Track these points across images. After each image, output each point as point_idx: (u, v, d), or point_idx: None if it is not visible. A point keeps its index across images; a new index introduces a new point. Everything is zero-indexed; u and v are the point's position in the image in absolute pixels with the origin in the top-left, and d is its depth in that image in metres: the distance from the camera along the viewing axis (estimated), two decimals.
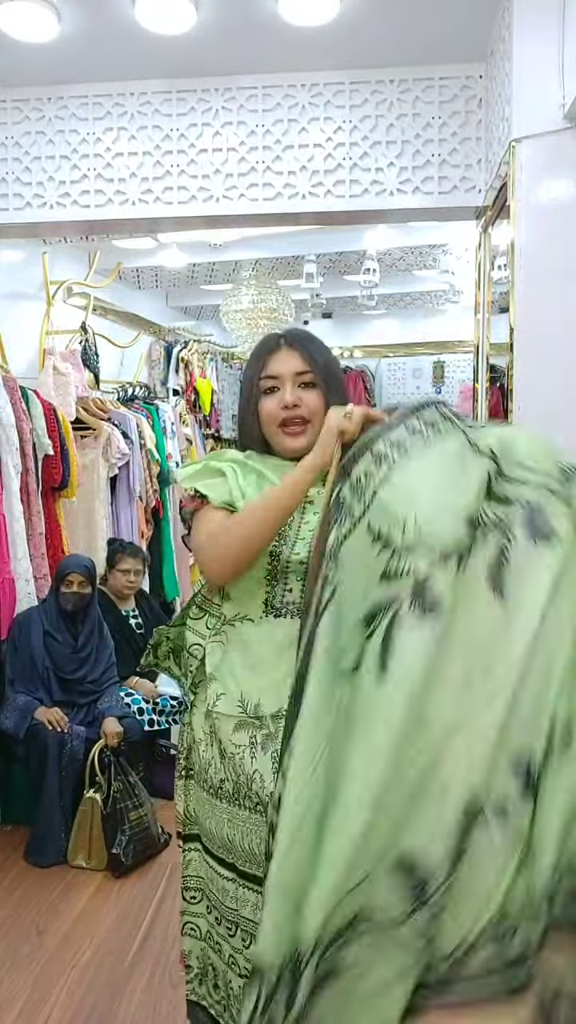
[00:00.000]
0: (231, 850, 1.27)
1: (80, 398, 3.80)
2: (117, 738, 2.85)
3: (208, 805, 1.31)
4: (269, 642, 1.25)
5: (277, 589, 1.27)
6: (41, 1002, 2.07)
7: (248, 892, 1.24)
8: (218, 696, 1.27)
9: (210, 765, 1.30)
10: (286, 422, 1.33)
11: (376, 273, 4.77)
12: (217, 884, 1.30)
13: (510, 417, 2.16)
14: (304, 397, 1.33)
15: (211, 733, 1.30)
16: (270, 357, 1.36)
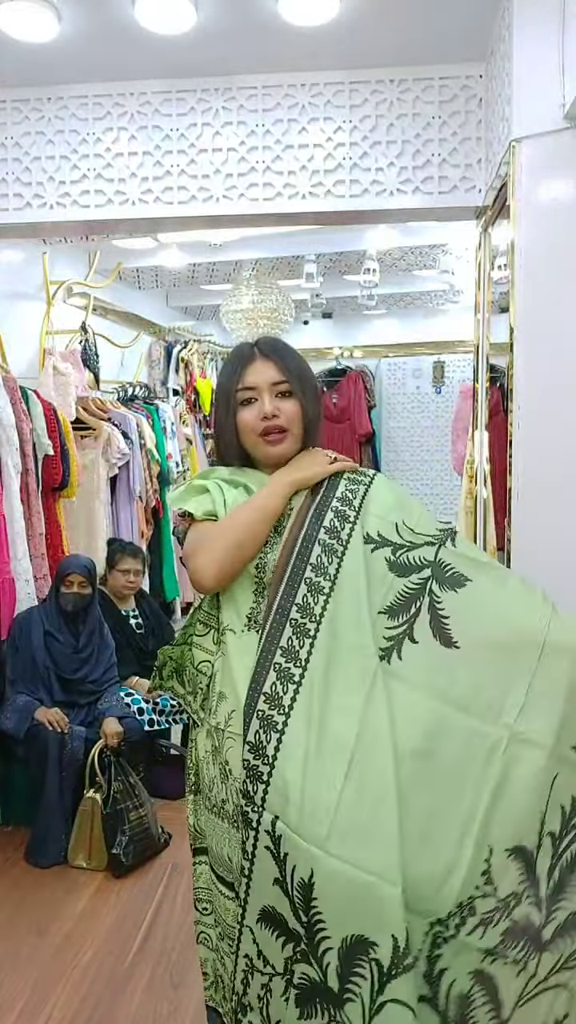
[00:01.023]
0: (231, 870, 1.24)
1: (80, 398, 3.80)
2: (117, 738, 2.85)
3: (211, 823, 1.30)
4: (248, 655, 1.24)
5: (261, 604, 1.28)
6: (42, 1002, 2.07)
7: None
8: (229, 715, 1.24)
9: (213, 784, 1.28)
10: (267, 431, 1.36)
11: (376, 273, 4.76)
12: (220, 901, 1.28)
13: (510, 417, 2.16)
14: (282, 406, 1.36)
15: (213, 751, 1.28)
16: (245, 368, 1.37)
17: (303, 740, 1.13)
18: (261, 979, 1.13)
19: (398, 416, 6.86)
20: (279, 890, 1.10)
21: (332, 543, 1.27)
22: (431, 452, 6.79)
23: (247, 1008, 1.15)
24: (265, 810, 1.12)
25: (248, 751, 1.15)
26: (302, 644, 1.19)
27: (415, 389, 6.83)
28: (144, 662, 3.49)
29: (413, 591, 1.23)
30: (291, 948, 1.09)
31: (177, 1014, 2.02)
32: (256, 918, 1.13)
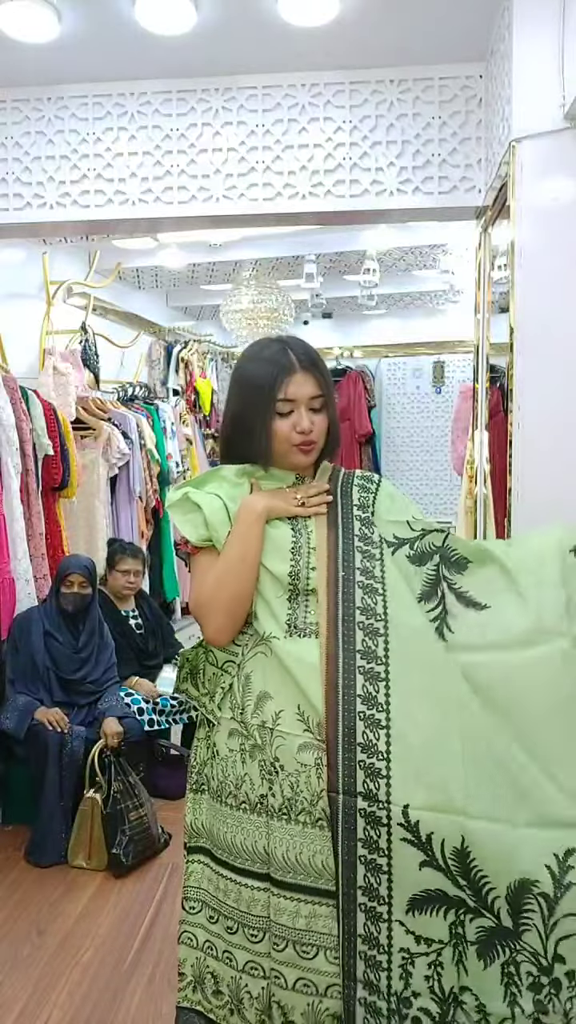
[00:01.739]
0: (267, 861, 1.29)
1: (80, 398, 3.80)
2: (117, 738, 2.85)
3: (232, 820, 1.33)
4: (308, 662, 1.30)
5: (298, 611, 1.35)
6: (42, 1002, 2.07)
7: (285, 902, 1.27)
8: (277, 714, 1.30)
9: (242, 782, 1.32)
10: (301, 445, 1.41)
11: (376, 273, 4.76)
12: (240, 895, 1.32)
13: (510, 417, 2.16)
14: (315, 420, 1.42)
15: (250, 748, 1.33)
16: (287, 378, 1.40)
17: (409, 729, 1.22)
18: (426, 960, 1.19)
19: (398, 416, 6.86)
20: (431, 870, 1.18)
21: (369, 548, 1.38)
22: (431, 452, 6.79)
23: (411, 998, 1.19)
24: (392, 804, 1.19)
25: (362, 752, 1.22)
26: (376, 644, 1.29)
27: (415, 389, 6.83)
28: (144, 662, 3.49)
29: (432, 575, 1.36)
30: (454, 914, 1.18)
31: None
32: (406, 909, 1.19)
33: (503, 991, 1.17)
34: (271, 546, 1.37)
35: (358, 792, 1.21)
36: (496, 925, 1.18)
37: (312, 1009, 1.24)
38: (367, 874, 1.20)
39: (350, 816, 1.22)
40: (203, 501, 1.39)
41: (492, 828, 1.17)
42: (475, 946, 1.18)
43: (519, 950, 1.17)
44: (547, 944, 1.17)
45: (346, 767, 1.22)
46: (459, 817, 1.17)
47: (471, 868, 1.17)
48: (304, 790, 1.27)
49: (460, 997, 1.19)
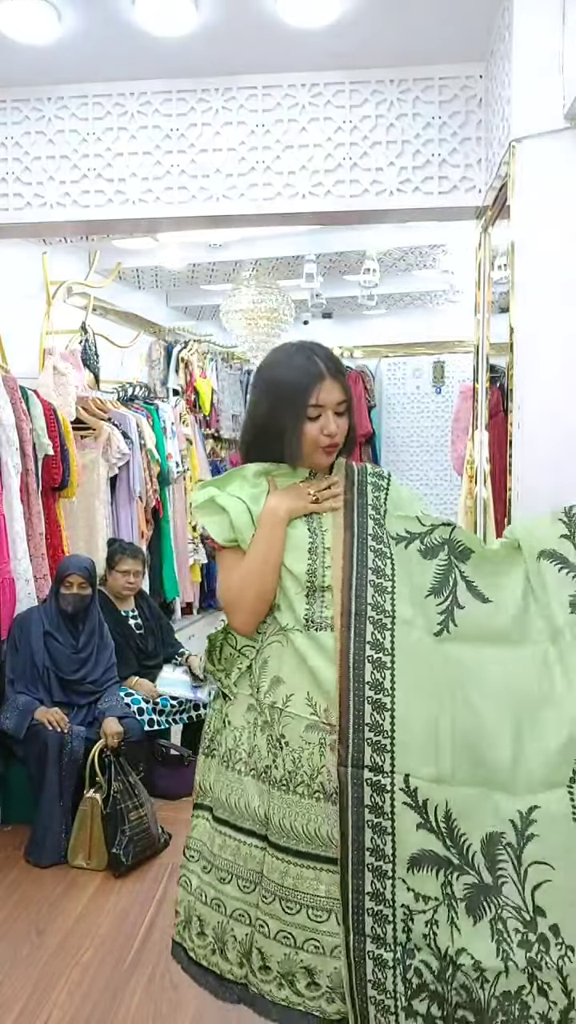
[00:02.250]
0: (266, 823, 1.45)
1: (80, 398, 3.80)
2: (117, 738, 2.85)
3: (235, 783, 1.49)
4: (325, 651, 1.44)
5: (315, 606, 1.48)
6: (41, 1002, 2.07)
7: (278, 861, 1.42)
8: (287, 697, 1.45)
9: (255, 750, 1.48)
10: (327, 448, 1.54)
11: (376, 273, 4.77)
12: (238, 851, 1.48)
13: (510, 417, 2.16)
14: (340, 424, 1.54)
15: (261, 723, 1.48)
16: (318, 385, 1.51)
17: (411, 711, 1.38)
18: (423, 917, 1.32)
19: (398, 416, 6.86)
20: (425, 831, 1.33)
21: (381, 547, 1.50)
22: (431, 452, 6.79)
23: (415, 950, 1.32)
24: (396, 772, 1.35)
25: (370, 731, 1.37)
26: (384, 637, 1.43)
27: (415, 389, 6.83)
28: (144, 662, 3.49)
29: (443, 567, 1.48)
30: (444, 873, 1.33)
31: (177, 1014, 2.03)
32: (407, 867, 1.33)
33: (495, 948, 1.28)
34: (291, 545, 1.50)
35: (365, 765, 1.36)
36: (479, 881, 1.32)
37: (288, 959, 1.39)
38: (374, 836, 1.34)
39: (358, 786, 1.36)
40: (228, 504, 1.51)
41: (470, 792, 1.35)
42: (464, 903, 1.31)
43: (503, 906, 1.30)
44: (524, 895, 1.30)
45: (356, 744, 1.37)
46: (448, 786, 1.34)
47: (454, 828, 1.33)
48: (305, 765, 1.41)
49: (457, 960, 1.29)
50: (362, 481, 1.58)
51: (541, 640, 1.43)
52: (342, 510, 1.53)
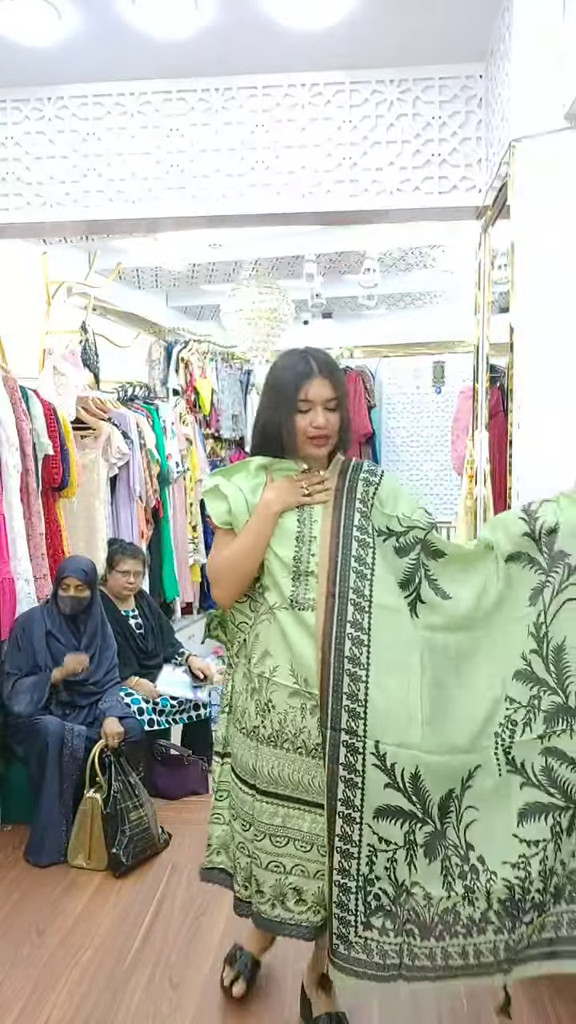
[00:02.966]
0: (254, 774, 1.72)
1: (80, 398, 3.79)
2: (117, 738, 2.85)
3: (238, 738, 1.77)
4: (307, 628, 1.65)
5: (299, 588, 1.67)
6: (41, 1002, 2.07)
7: (265, 805, 1.70)
8: (274, 668, 1.68)
9: (247, 712, 1.74)
10: (315, 438, 1.72)
11: (376, 273, 4.76)
12: (238, 795, 1.79)
13: (510, 417, 2.16)
14: (329, 418, 1.72)
15: (251, 690, 1.73)
16: (307, 382, 1.70)
17: (383, 683, 1.59)
18: (385, 855, 1.58)
19: (398, 416, 6.85)
20: (392, 790, 1.57)
21: (365, 538, 1.68)
22: (431, 452, 6.78)
23: (375, 880, 1.59)
24: (367, 738, 1.57)
25: (347, 699, 1.58)
26: (363, 617, 1.62)
27: (415, 389, 6.82)
28: (144, 662, 3.49)
29: (413, 565, 1.68)
30: (408, 824, 1.58)
31: (177, 1014, 2.03)
32: (372, 815, 1.57)
33: (441, 879, 1.59)
34: (280, 533, 1.70)
35: (342, 728, 1.58)
36: (435, 829, 1.59)
37: (278, 883, 1.70)
38: (345, 789, 1.58)
39: (335, 746, 1.58)
40: (229, 492, 1.73)
41: (437, 760, 1.59)
42: (423, 848, 1.59)
43: (447, 847, 1.58)
44: (460, 834, 1.59)
45: (335, 709, 1.59)
46: (415, 752, 1.57)
47: (420, 789, 1.58)
48: (290, 726, 1.67)
49: (411, 890, 1.59)
50: (354, 477, 1.75)
51: (491, 628, 1.67)
52: (331, 503, 1.71)
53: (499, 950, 1.58)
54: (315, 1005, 1.90)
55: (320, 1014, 1.88)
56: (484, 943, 1.58)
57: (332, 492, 1.72)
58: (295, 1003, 2.00)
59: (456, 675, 1.64)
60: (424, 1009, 2.03)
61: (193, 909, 2.49)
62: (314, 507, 1.72)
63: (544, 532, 1.65)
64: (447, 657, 1.65)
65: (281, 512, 1.70)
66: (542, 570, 1.65)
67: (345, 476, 1.75)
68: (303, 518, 1.71)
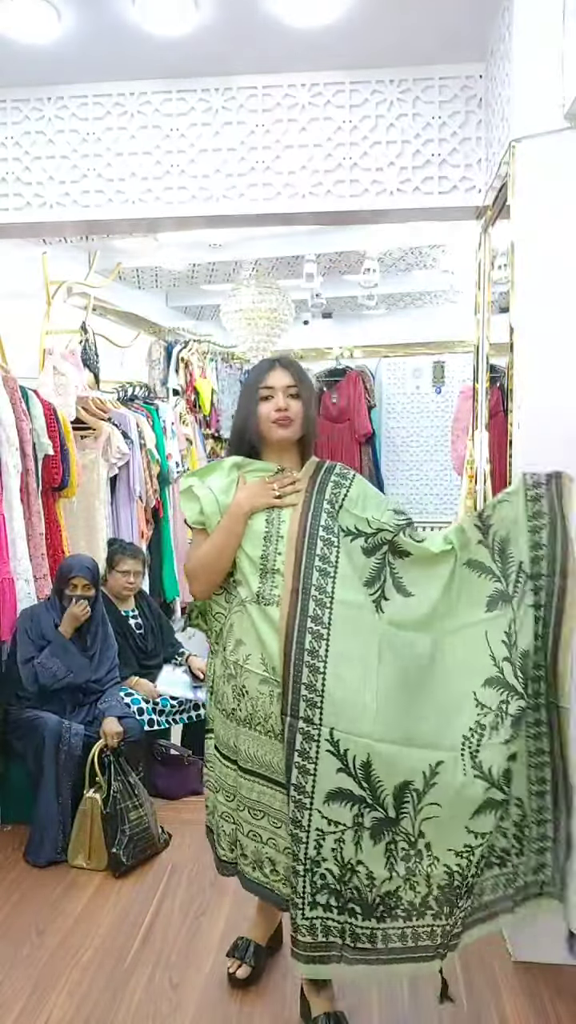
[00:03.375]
0: (236, 752, 1.85)
1: (80, 398, 3.79)
2: (117, 738, 2.85)
3: (220, 718, 1.91)
4: (271, 623, 1.77)
5: (266, 585, 1.80)
6: (41, 1002, 2.07)
7: (245, 780, 1.83)
8: (246, 657, 1.81)
9: (226, 695, 1.87)
10: (277, 420, 1.86)
11: (376, 273, 4.76)
12: (220, 769, 1.92)
13: (510, 417, 2.16)
14: (291, 404, 1.87)
15: (227, 675, 1.85)
16: (268, 374, 1.89)
17: (340, 674, 1.68)
18: (333, 837, 1.67)
19: (398, 416, 6.85)
20: (344, 775, 1.66)
21: (330, 537, 1.79)
22: (431, 452, 6.78)
23: (321, 861, 1.68)
24: (323, 725, 1.67)
25: (305, 689, 1.69)
26: (323, 613, 1.73)
27: (415, 389, 6.82)
28: (144, 662, 3.49)
29: (379, 564, 1.79)
30: (357, 808, 1.67)
31: (177, 1014, 2.03)
32: (323, 800, 1.66)
33: (385, 861, 1.67)
34: (250, 533, 1.83)
35: (300, 716, 1.68)
36: (384, 816, 1.67)
37: (257, 851, 1.84)
38: (298, 775, 1.67)
39: (293, 732, 1.68)
40: (201, 494, 1.87)
41: (389, 749, 1.66)
42: (369, 831, 1.67)
43: (397, 832, 1.67)
44: (415, 824, 1.67)
45: (294, 698, 1.69)
46: (367, 740, 1.65)
47: (371, 775, 1.66)
48: (260, 710, 1.78)
49: (355, 868, 1.68)
50: (324, 479, 1.87)
51: (452, 630, 1.75)
52: (300, 504, 1.83)
53: (436, 935, 1.67)
54: (314, 1005, 1.90)
55: (319, 1014, 1.88)
56: (423, 928, 1.68)
57: (302, 494, 1.84)
58: (295, 1004, 2.00)
59: (420, 671, 1.72)
60: (424, 1009, 2.03)
61: (193, 909, 2.49)
62: (284, 508, 1.83)
63: (497, 542, 1.76)
64: (412, 654, 1.73)
65: (251, 513, 1.82)
66: (496, 578, 1.75)
67: (316, 478, 1.87)
68: (271, 518, 1.83)
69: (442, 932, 1.67)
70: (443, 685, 1.72)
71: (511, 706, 1.67)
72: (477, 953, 2.21)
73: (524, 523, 1.75)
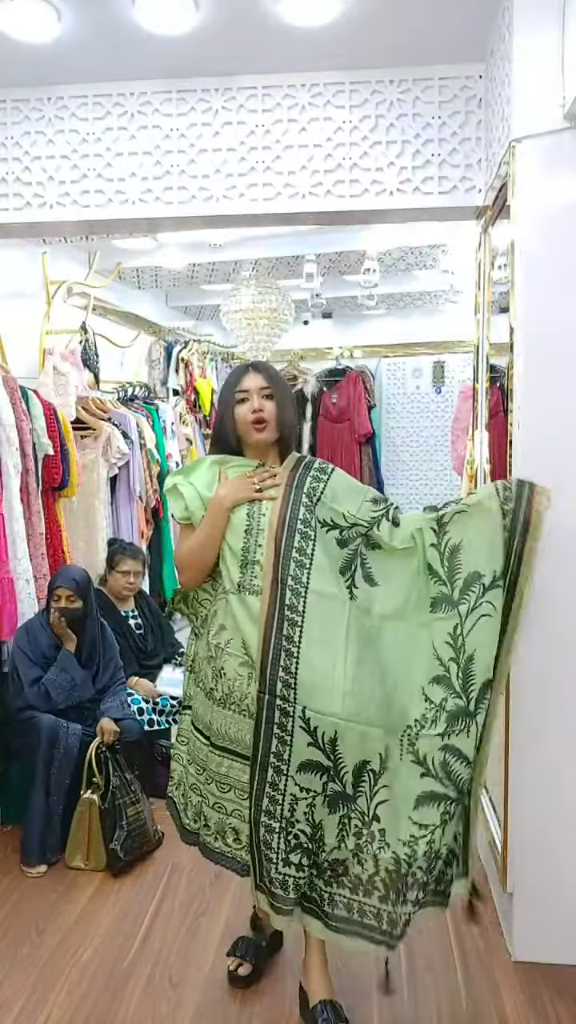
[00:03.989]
0: (209, 728, 1.95)
1: (80, 398, 3.79)
2: (113, 736, 2.84)
3: (199, 696, 2.01)
4: (249, 611, 1.88)
5: (247, 575, 1.90)
6: (41, 1002, 2.07)
7: (216, 756, 1.93)
8: (227, 641, 1.91)
9: (206, 675, 1.97)
10: (254, 421, 1.95)
11: (376, 273, 4.76)
12: (195, 744, 2.03)
13: (510, 417, 2.16)
14: (265, 405, 1.96)
15: (208, 657, 1.96)
16: (242, 378, 1.98)
17: (311, 658, 1.80)
18: (305, 801, 1.80)
19: (398, 416, 6.85)
20: (314, 748, 1.79)
21: (307, 530, 1.88)
22: (431, 452, 6.78)
23: (295, 822, 1.80)
24: (296, 703, 1.79)
25: (282, 671, 1.80)
26: (299, 602, 1.84)
27: (415, 389, 6.82)
28: (143, 662, 3.48)
29: (350, 556, 1.89)
30: (325, 776, 1.80)
31: (176, 1014, 2.03)
32: (297, 768, 1.79)
33: (337, 831, 1.80)
34: (232, 526, 1.92)
35: (277, 695, 1.80)
36: (341, 790, 1.80)
37: (220, 822, 1.93)
38: (277, 744, 1.80)
39: (271, 709, 1.81)
40: (185, 492, 1.96)
41: (354, 728, 1.79)
42: (328, 800, 1.80)
43: (353, 809, 1.80)
44: (370, 806, 1.80)
45: (271, 679, 1.81)
46: (334, 719, 1.78)
47: (336, 750, 1.79)
48: (236, 691, 1.89)
49: (323, 827, 1.81)
50: (304, 473, 1.95)
51: (408, 623, 1.88)
52: (280, 497, 1.90)
53: (383, 918, 1.77)
54: (311, 995, 1.93)
55: (315, 1003, 1.91)
56: (369, 906, 1.78)
57: (282, 488, 1.92)
58: (295, 1004, 2.00)
59: (381, 659, 1.85)
60: (424, 1008, 2.03)
61: (193, 909, 2.49)
62: (264, 501, 1.92)
63: (448, 548, 1.86)
64: (376, 640, 1.86)
65: (233, 507, 1.92)
66: (442, 582, 1.86)
67: (295, 472, 1.95)
68: (252, 512, 1.92)
69: (388, 919, 1.77)
70: (402, 674, 1.85)
71: (449, 703, 1.83)
72: (477, 953, 2.21)
73: (488, 532, 1.84)
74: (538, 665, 2.14)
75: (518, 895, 2.20)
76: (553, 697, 2.15)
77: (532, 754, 2.17)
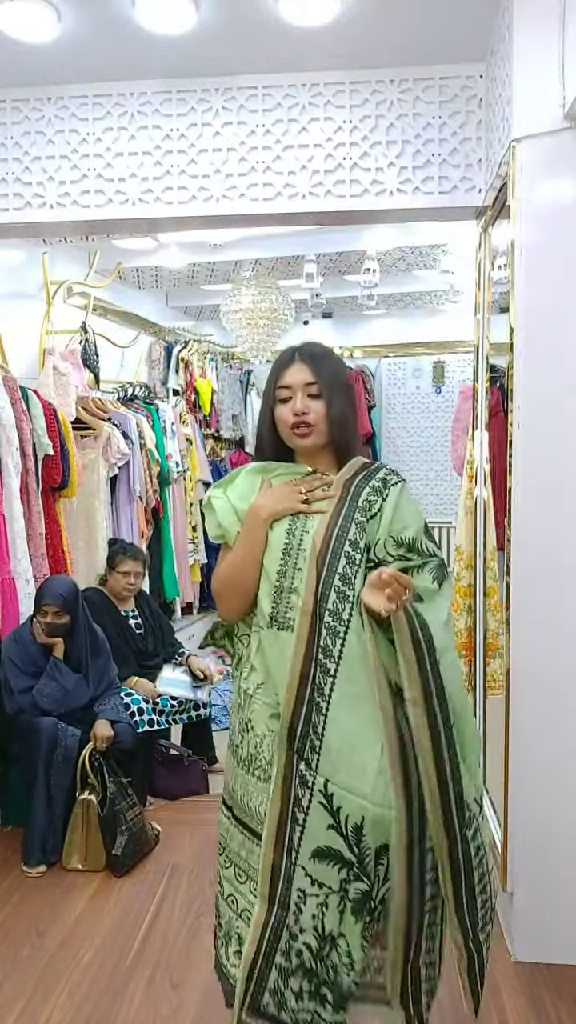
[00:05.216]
0: (232, 797, 1.59)
1: (80, 398, 3.79)
2: (106, 742, 2.83)
3: (229, 757, 1.63)
4: (283, 650, 1.49)
5: (280, 606, 1.52)
6: (42, 1003, 2.07)
7: (238, 833, 1.57)
8: (257, 686, 1.55)
9: (232, 728, 1.62)
10: (296, 425, 1.56)
11: (376, 273, 4.76)
12: (220, 819, 1.63)
13: (510, 417, 2.16)
14: (311, 405, 1.56)
15: (237, 705, 1.60)
16: (285, 370, 1.59)
17: (339, 720, 1.43)
18: (316, 900, 1.42)
19: (398, 416, 6.86)
20: (334, 832, 1.42)
21: (354, 554, 1.49)
22: (431, 452, 6.79)
23: (299, 933, 1.43)
24: (319, 774, 1.42)
25: (310, 728, 1.44)
26: (334, 644, 1.45)
27: (415, 389, 6.83)
28: (143, 662, 3.48)
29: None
30: (346, 872, 1.42)
31: (177, 1014, 2.02)
32: (309, 856, 1.42)
33: (360, 942, 1.42)
34: (269, 544, 1.54)
35: (304, 757, 1.44)
36: (369, 888, 1.42)
37: (230, 923, 1.56)
38: (285, 823, 1.45)
39: (291, 772, 1.45)
40: (217, 505, 1.61)
41: (382, 813, 1.41)
42: (352, 904, 1.42)
43: (372, 909, 1.43)
44: (374, 896, 1.43)
45: (301, 736, 1.45)
46: (364, 801, 1.41)
47: (362, 840, 1.42)
48: (265, 751, 1.51)
49: (336, 941, 1.42)
50: (361, 484, 1.57)
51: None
52: (330, 511, 1.53)
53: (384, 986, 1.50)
54: None
55: None
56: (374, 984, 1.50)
57: (334, 500, 1.54)
58: None
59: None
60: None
61: (193, 909, 2.49)
62: (310, 517, 1.54)
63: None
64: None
65: (271, 519, 1.54)
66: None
67: (352, 482, 1.57)
68: (294, 528, 1.53)
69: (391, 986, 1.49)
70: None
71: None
72: None
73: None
74: (538, 666, 2.14)
75: (518, 895, 2.20)
76: (553, 697, 2.15)
77: (532, 754, 2.17)
